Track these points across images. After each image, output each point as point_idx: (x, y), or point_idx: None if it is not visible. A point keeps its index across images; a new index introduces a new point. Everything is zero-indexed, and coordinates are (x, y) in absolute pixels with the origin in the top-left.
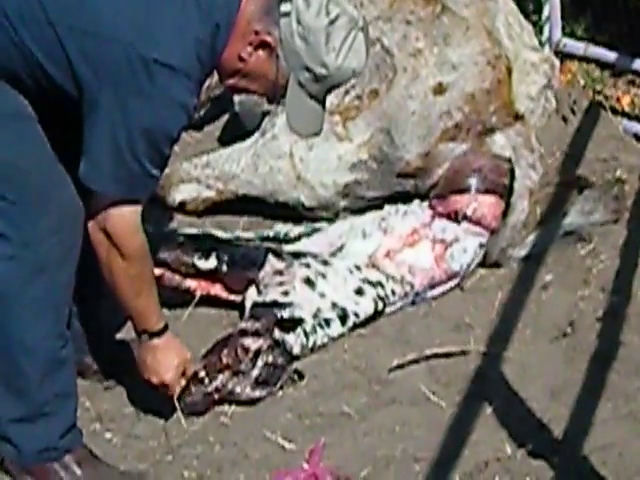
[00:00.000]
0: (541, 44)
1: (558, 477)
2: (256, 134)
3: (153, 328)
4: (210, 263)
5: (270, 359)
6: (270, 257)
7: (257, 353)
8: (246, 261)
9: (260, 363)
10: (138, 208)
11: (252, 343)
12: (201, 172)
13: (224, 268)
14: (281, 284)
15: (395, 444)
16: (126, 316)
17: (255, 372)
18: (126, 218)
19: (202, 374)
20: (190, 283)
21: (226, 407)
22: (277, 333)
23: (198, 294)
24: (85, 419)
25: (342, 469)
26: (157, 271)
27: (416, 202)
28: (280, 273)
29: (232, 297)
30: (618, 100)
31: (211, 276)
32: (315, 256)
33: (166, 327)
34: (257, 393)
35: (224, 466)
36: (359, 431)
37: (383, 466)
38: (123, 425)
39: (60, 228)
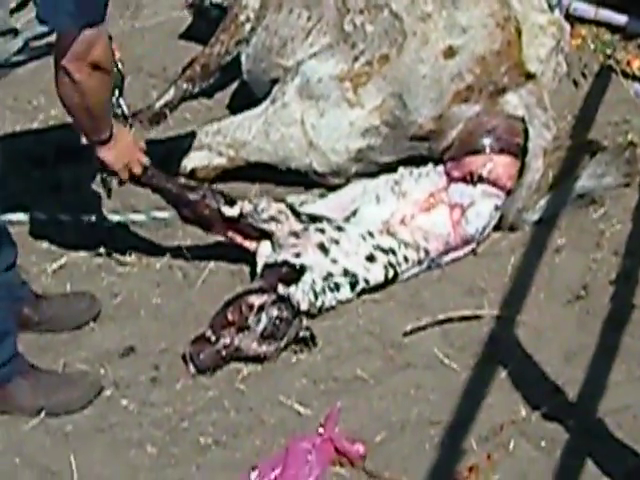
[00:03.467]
0: (551, 8)
1: (573, 439)
2: (266, 102)
3: (106, 134)
4: (234, 211)
5: (275, 313)
6: (290, 216)
7: (261, 308)
8: (268, 215)
9: (265, 318)
10: (104, 28)
11: (256, 299)
12: (212, 139)
13: (247, 218)
14: (294, 246)
15: (410, 408)
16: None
17: (260, 327)
18: (100, 41)
19: (209, 333)
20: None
21: (241, 373)
22: (281, 288)
23: (218, 230)
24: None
25: (357, 434)
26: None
27: (430, 165)
28: (295, 235)
29: (246, 243)
30: (628, 63)
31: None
32: (329, 221)
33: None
34: (264, 348)
35: (240, 432)
36: (374, 395)
37: (398, 430)
38: (138, 392)
39: None
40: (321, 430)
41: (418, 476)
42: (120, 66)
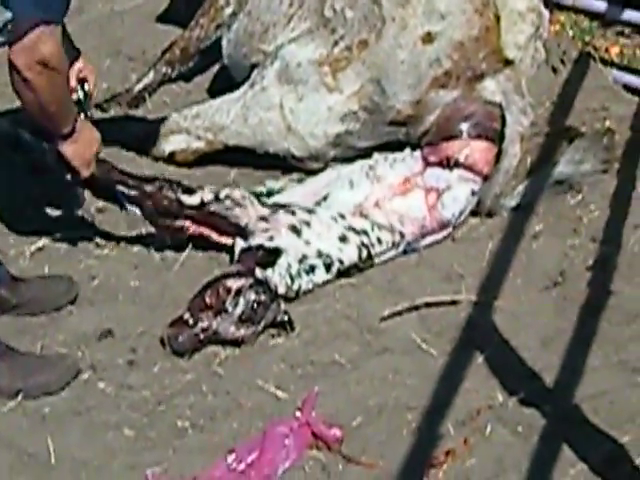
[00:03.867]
0: None
1: (549, 425)
2: (245, 85)
3: (67, 129)
4: (194, 199)
5: (252, 297)
6: (254, 201)
7: (239, 291)
8: (230, 200)
9: (242, 301)
10: (58, 29)
11: (234, 283)
12: (191, 123)
13: (209, 205)
14: (266, 230)
15: (387, 393)
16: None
17: (238, 310)
18: (50, 35)
19: (187, 316)
20: (182, 222)
21: (218, 357)
22: (258, 272)
23: (190, 231)
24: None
25: (334, 418)
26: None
27: (407, 151)
28: (265, 220)
29: (223, 239)
30: (607, 50)
31: (199, 217)
32: (298, 205)
33: (76, 121)
34: (242, 332)
35: (217, 415)
36: (351, 380)
37: (375, 414)
38: (116, 375)
39: None
40: (298, 414)
41: (395, 460)
42: (87, 87)
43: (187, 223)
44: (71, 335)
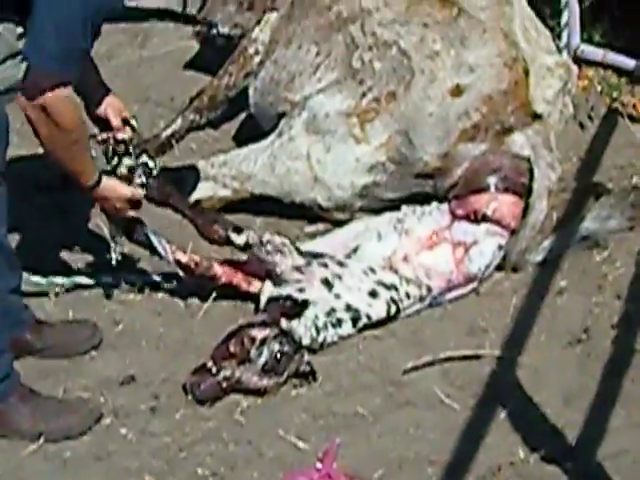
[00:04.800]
0: (559, 50)
1: None
2: (273, 135)
3: (88, 183)
4: (241, 239)
5: (276, 347)
6: (292, 249)
7: (263, 341)
8: (272, 246)
9: (266, 351)
10: (70, 85)
11: (258, 332)
12: (218, 171)
13: (253, 248)
14: (298, 281)
15: (409, 446)
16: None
17: (262, 360)
18: (62, 94)
19: (210, 364)
20: (217, 269)
21: (240, 406)
22: (284, 322)
23: (223, 279)
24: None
25: (355, 470)
26: (185, 257)
27: (434, 204)
28: (299, 270)
29: (251, 288)
30: (635, 107)
31: (235, 265)
32: (331, 257)
33: (100, 178)
34: (265, 382)
35: (238, 464)
36: (373, 432)
37: (396, 468)
38: (138, 421)
39: None
40: (319, 465)
41: None
42: (134, 123)
43: (219, 271)
44: (94, 380)
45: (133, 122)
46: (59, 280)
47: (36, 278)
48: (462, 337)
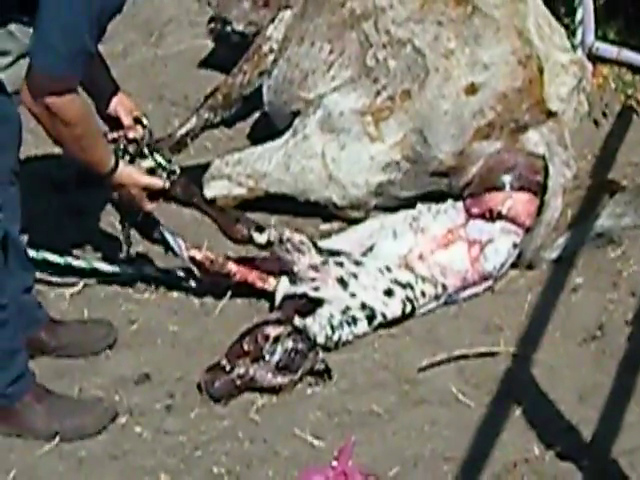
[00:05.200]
0: (574, 47)
1: (586, 479)
2: (287, 134)
3: (105, 171)
4: (263, 237)
5: (290, 345)
6: (311, 247)
7: (277, 339)
8: (292, 244)
9: (280, 349)
10: (75, 81)
11: (272, 330)
12: (232, 169)
13: (273, 246)
14: (313, 280)
15: (424, 444)
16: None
17: (275, 358)
18: (65, 92)
19: (224, 362)
20: (232, 267)
21: (256, 404)
22: (297, 320)
23: (237, 277)
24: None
25: (371, 468)
26: (200, 255)
27: (449, 202)
28: (315, 269)
29: (266, 286)
30: None
31: (250, 262)
32: (347, 255)
33: (116, 164)
34: (279, 379)
35: (253, 462)
36: (388, 430)
37: (412, 465)
38: (153, 419)
39: None
40: (334, 463)
41: None
42: (145, 121)
43: (234, 269)
44: (109, 379)
45: (144, 121)
46: (76, 262)
47: (52, 257)
48: (477, 335)
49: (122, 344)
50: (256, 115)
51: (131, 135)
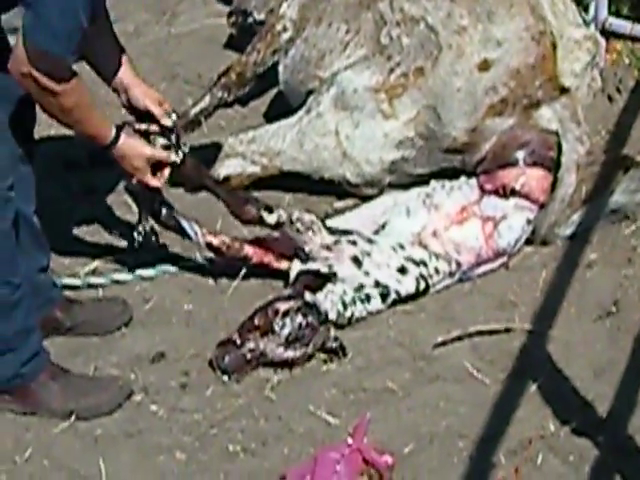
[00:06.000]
0: (586, 23)
1: (602, 455)
2: (301, 111)
3: (105, 142)
4: (272, 218)
5: (299, 319)
6: (322, 227)
7: (286, 313)
8: (302, 224)
9: (289, 322)
10: (70, 58)
11: (282, 304)
12: (246, 148)
13: (284, 226)
14: (327, 259)
15: (439, 420)
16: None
17: (285, 332)
18: (58, 68)
19: (235, 337)
20: (248, 250)
21: (271, 382)
22: (308, 295)
23: (254, 260)
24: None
25: (386, 445)
26: (217, 240)
27: (463, 178)
28: (328, 248)
29: (281, 266)
30: None
31: (265, 244)
32: (360, 233)
33: (118, 136)
34: (289, 353)
35: (268, 440)
36: (403, 407)
37: (427, 442)
38: (168, 398)
39: None
40: (350, 440)
41: None
42: (174, 117)
43: (251, 251)
44: (124, 357)
45: (173, 116)
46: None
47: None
48: (492, 311)
49: (137, 323)
50: (270, 94)
51: (167, 123)
